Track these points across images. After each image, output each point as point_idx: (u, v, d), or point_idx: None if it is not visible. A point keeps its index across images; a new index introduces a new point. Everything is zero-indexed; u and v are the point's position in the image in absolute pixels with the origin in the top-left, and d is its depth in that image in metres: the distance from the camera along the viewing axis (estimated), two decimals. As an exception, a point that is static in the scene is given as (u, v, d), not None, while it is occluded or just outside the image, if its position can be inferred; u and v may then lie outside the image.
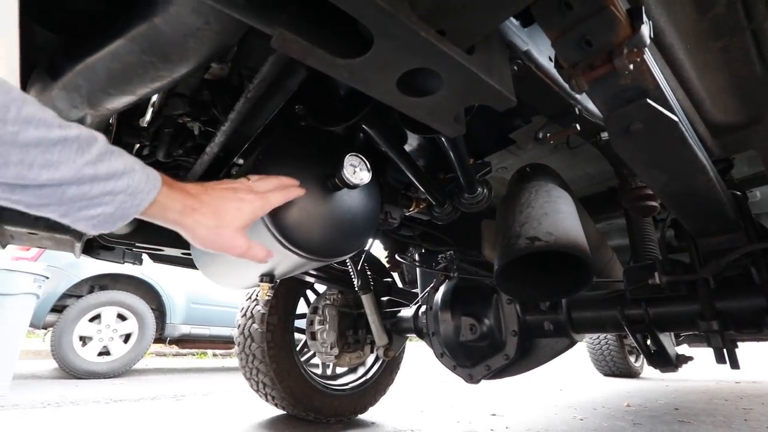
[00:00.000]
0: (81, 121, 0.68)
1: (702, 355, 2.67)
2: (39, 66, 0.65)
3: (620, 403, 2.83)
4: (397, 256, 2.09)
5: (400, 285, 2.52)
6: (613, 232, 2.29)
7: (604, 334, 4.36)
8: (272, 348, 1.99)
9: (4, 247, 1.38)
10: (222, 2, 0.44)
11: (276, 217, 0.78)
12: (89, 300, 3.72)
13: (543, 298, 1.13)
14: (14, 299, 2.67)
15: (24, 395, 2.61)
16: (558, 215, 1.01)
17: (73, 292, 3.83)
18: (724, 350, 0.99)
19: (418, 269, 2.19)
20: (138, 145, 1.22)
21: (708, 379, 4.38)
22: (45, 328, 3.81)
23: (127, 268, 3.99)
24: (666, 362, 1.09)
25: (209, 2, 0.44)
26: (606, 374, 4.52)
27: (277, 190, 0.74)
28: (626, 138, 0.74)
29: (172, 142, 1.07)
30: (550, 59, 0.90)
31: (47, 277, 2.92)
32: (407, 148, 1.31)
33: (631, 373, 4.40)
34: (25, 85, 0.65)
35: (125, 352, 3.82)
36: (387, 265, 2.30)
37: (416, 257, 2.16)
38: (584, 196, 1.91)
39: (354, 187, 0.81)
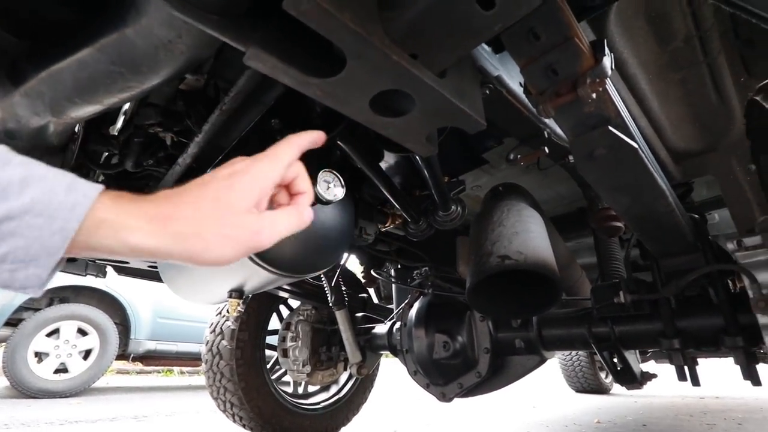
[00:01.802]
0: (44, 128, 0.66)
1: (668, 371, 2.75)
2: None
3: (591, 420, 2.87)
4: (372, 272, 2.09)
5: (375, 300, 2.50)
6: (583, 250, 2.36)
7: (576, 352, 4.45)
8: (241, 366, 1.92)
9: None
10: (194, 17, 0.44)
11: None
12: (47, 313, 3.51)
13: (514, 315, 1.15)
14: (-37, 312, 2.50)
15: (-32, 417, 2.42)
16: (528, 234, 1.04)
17: (30, 305, 3.61)
18: (686, 367, 1.02)
19: (393, 285, 2.19)
20: (106, 154, 1.18)
21: (674, 395, 4.50)
22: (-2, 343, 3.57)
23: (90, 280, 3.81)
24: (631, 379, 1.12)
25: (181, 17, 0.44)
26: (578, 390, 4.59)
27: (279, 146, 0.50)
28: (590, 162, 0.77)
29: (142, 151, 1.04)
30: (521, 84, 0.93)
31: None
32: (383, 165, 1.32)
33: (602, 389, 4.48)
34: (-17, 90, 0.62)
35: (84, 370, 3.61)
36: (363, 281, 2.29)
37: (392, 273, 2.16)
38: (555, 215, 1.97)
39: (327, 203, 0.81)
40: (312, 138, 0.52)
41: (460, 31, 0.52)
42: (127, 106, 1.11)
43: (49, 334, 3.51)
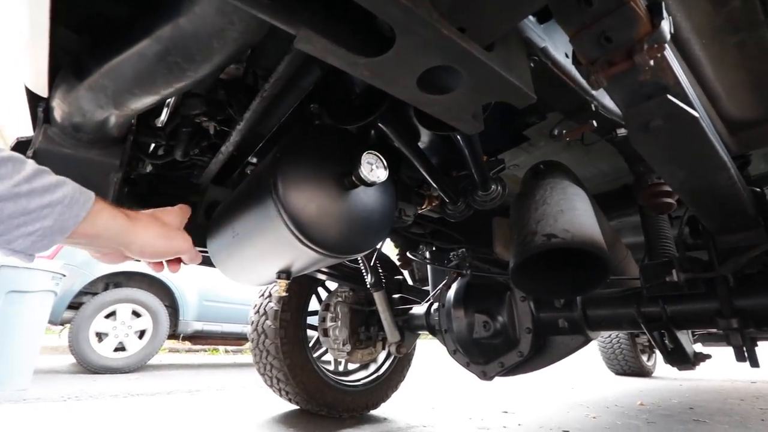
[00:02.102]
0: (106, 121, 0.70)
1: (716, 355, 2.63)
2: (64, 67, 0.67)
3: (633, 401, 2.81)
4: (408, 254, 2.10)
5: (410, 282, 2.53)
6: (626, 229, 2.27)
7: (616, 333, 4.32)
8: (285, 344, 2.01)
9: None
10: (247, 2, 0.45)
11: (293, 214, 0.79)
12: (104, 297, 3.79)
13: (558, 295, 1.13)
14: (34, 296, 2.73)
15: (45, 389, 2.67)
16: (574, 212, 1.01)
17: (89, 290, 3.90)
18: (744, 348, 0.97)
19: (429, 267, 2.20)
20: (153, 145, 1.24)
21: (722, 378, 4.31)
22: (62, 325, 3.89)
23: (140, 266, 4.05)
24: (684, 360, 1.08)
25: (234, 2, 0.44)
26: (618, 373, 4.48)
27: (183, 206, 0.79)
28: (646, 134, 0.73)
29: (189, 141, 1.08)
30: (567, 55, 0.89)
31: (64, 275, 2.98)
32: (420, 144, 1.31)
33: (644, 372, 4.35)
34: (50, 87, 0.67)
35: (140, 348, 3.89)
36: (398, 263, 2.31)
37: (427, 255, 2.17)
38: (597, 193, 1.90)
39: (371, 184, 0.82)
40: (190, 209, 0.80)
41: (509, 1, 0.50)
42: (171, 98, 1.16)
43: (107, 316, 3.79)
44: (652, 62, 0.63)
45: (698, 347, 3.47)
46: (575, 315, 1.31)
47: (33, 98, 0.72)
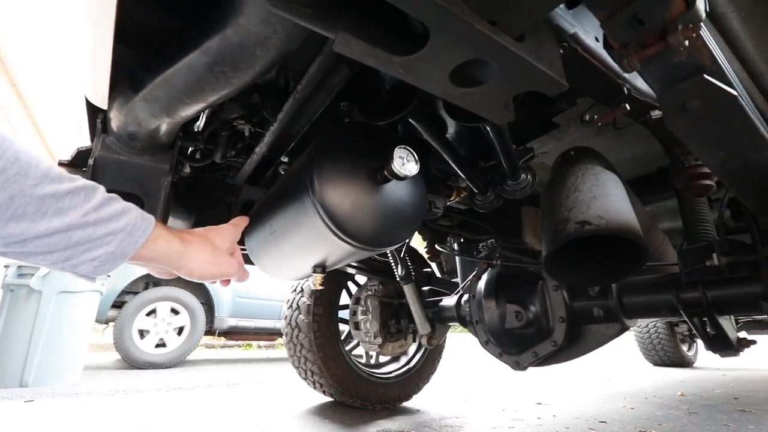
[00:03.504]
0: (158, 129, 0.75)
1: (762, 344, 2.52)
2: (120, 80, 0.72)
3: (673, 392, 2.73)
4: (436, 246, 2.11)
5: (438, 275, 2.54)
6: (663, 214, 2.20)
7: (654, 323, 4.19)
8: (318, 338, 2.07)
9: None
10: (291, 12, 0.48)
11: (329, 210, 0.82)
12: (145, 296, 3.99)
13: (593, 282, 1.12)
14: (81, 296, 2.91)
15: (94, 384, 2.85)
16: (607, 198, 1.00)
17: (131, 289, 4.12)
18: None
19: (457, 258, 2.20)
20: (191, 149, 1.30)
21: (769, 368, 4.12)
22: (107, 323, 4.12)
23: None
24: (726, 346, 1.06)
25: (279, 13, 0.48)
26: (656, 364, 4.35)
27: (236, 220, 0.83)
28: (682, 116, 0.72)
29: (226, 144, 1.13)
30: (597, 39, 0.88)
31: (109, 276, 3.15)
32: (453, 140, 1.32)
33: (684, 363, 4.21)
34: (109, 99, 0.72)
35: (179, 344, 4.08)
36: (426, 256, 2.32)
37: (455, 247, 2.18)
38: (631, 178, 1.85)
39: (403, 178, 0.84)
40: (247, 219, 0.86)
41: (541, -8, 0.51)
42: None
43: (148, 314, 3.99)
44: (687, 42, 0.62)
45: (742, 335, 3.33)
46: (610, 303, 1.30)
47: (93, 110, 0.79)
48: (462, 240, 2.15)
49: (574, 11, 0.82)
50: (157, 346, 4.03)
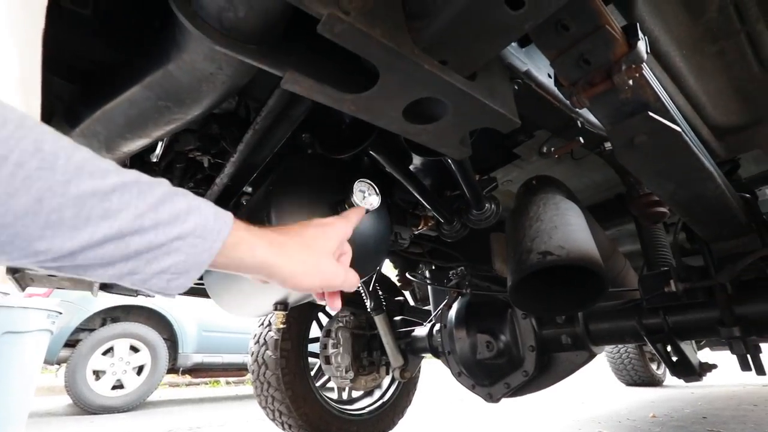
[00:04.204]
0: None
1: (725, 359, 2.60)
2: (56, 115, 0.68)
3: (645, 414, 2.75)
4: (407, 275, 2.09)
5: (412, 303, 2.51)
6: (624, 237, 2.27)
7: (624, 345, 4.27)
8: (287, 374, 1.97)
9: (23, 289, 1.40)
10: (235, 49, 0.46)
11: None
12: (102, 333, 3.72)
13: (558, 312, 1.13)
14: (29, 337, 2.68)
15: (40, 434, 2.59)
16: (568, 228, 1.01)
17: (86, 326, 3.84)
18: (748, 356, 0.96)
19: (429, 287, 2.18)
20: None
21: (734, 383, 4.25)
22: (59, 364, 3.81)
23: (138, 299, 4.00)
24: (689, 371, 1.07)
25: (222, 50, 0.46)
26: (628, 384, 4.40)
27: (349, 212, 0.67)
28: (631, 150, 0.75)
29: (183, 175, 1.09)
30: (549, 76, 0.92)
31: (60, 313, 2.93)
32: (412, 167, 1.32)
33: (654, 382, 4.28)
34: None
35: (139, 385, 3.80)
36: (398, 284, 2.29)
37: (427, 275, 2.16)
38: (592, 204, 1.91)
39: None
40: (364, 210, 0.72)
41: (489, 34, 0.52)
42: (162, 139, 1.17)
43: (104, 353, 3.72)
44: (631, 82, 0.65)
45: (706, 353, 3.44)
46: (578, 330, 1.30)
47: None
48: (433, 267, 2.14)
49: (527, 49, 0.85)
50: (114, 387, 3.74)
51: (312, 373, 2.16)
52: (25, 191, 0.31)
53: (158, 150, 1.15)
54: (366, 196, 0.81)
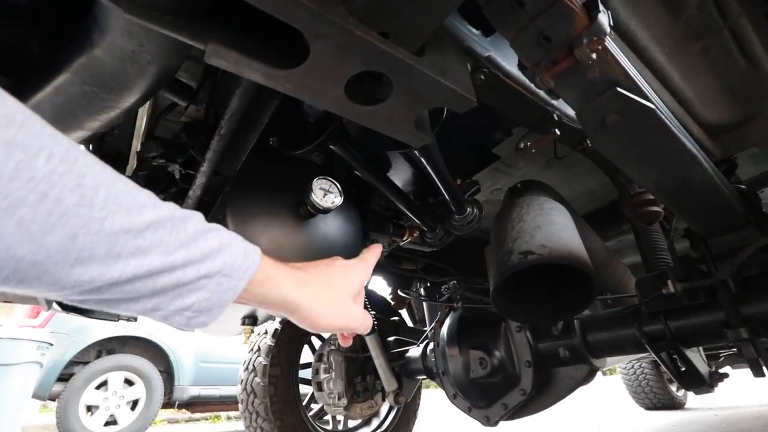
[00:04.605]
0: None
1: (749, 377, 2.44)
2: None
3: (665, 439, 2.56)
4: (399, 292, 2.01)
5: (410, 324, 2.41)
6: (627, 249, 2.19)
7: (639, 363, 4.07)
8: (275, 403, 1.87)
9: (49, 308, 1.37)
10: (147, 18, 0.43)
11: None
12: (96, 366, 3.63)
13: (546, 318, 1.04)
14: (17, 369, 2.61)
15: (24, 474, 2.47)
16: (552, 227, 0.95)
17: (80, 359, 3.75)
18: (760, 360, 0.87)
19: (425, 304, 2.10)
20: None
21: (760, 403, 3.99)
22: (51, 400, 3.70)
23: (134, 329, 3.93)
24: (699, 381, 0.97)
25: (134, 20, 0.43)
26: (647, 407, 4.16)
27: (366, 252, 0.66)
28: (604, 132, 0.70)
29: (149, 185, 1.05)
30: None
31: (51, 344, 2.87)
32: (398, 180, 1.28)
33: (675, 404, 4.04)
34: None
35: (133, 420, 3.67)
36: (391, 302, 2.21)
37: (422, 292, 2.08)
38: (589, 212, 1.85)
39: (326, 211, 0.78)
40: (381, 248, 0.68)
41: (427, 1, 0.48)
42: (137, 144, 1.15)
43: (98, 387, 3.61)
44: (594, 55, 0.61)
45: (727, 370, 3.24)
46: (575, 341, 1.21)
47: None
48: (428, 284, 2.07)
49: (493, 39, 0.82)
50: (107, 423, 3.60)
51: (305, 401, 2.05)
52: (60, 228, 0.30)
53: (131, 162, 1.12)
54: (327, 194, 0.77)
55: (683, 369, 1.03)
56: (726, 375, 1.02)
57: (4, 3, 0.55)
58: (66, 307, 1.49)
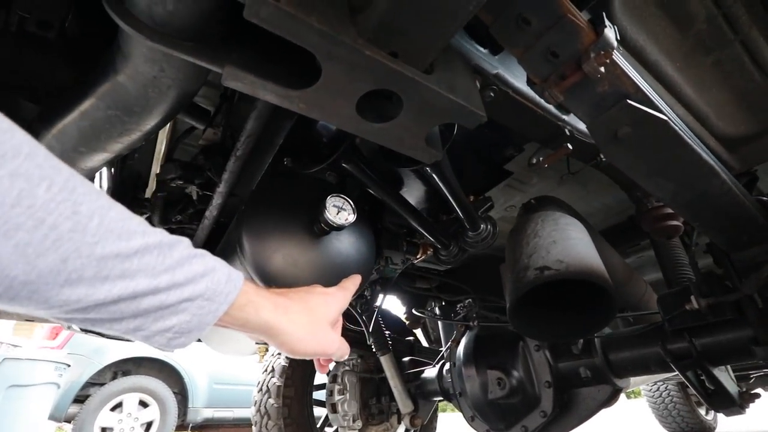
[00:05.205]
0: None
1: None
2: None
3: (697, 467, 2.42)
4: (414, 311, 1.99)
5: (425, 344, 2.37)
6: (647, 265, 2.13)
7: (665, 385, 3.89)
8: (290, 425, 1.84)
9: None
10: (167, 44, 0.46)
11: (258, 265, 0.75)
12: (111, 387, 3.64)
13: (566, 336, 1.02)
14: (34, 390, 2.64)
15: (39, 498, 2.46)
16: (568, 242, 0.94)
17: (96, 380, 3.77)
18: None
19: (440, 324, 2.06)
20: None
21: (800, 431, 3.74)
22: (68, 421, 3.71)
23: (149, 350, 3.94)
24: (728, 402, 0.92)
25: (155, 46, 0.45)
26: (675, 433, 3.95)
27: (346, 281, 0.69)
28: (616, 145, 0.69)
29: (166, 206, 1.08)
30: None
31: (68, 365, 2.90)
32: (411, 199, 1.29)
33: (704, 429, 3.83)
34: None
35: (147, 443, 3.65)
36: (406, 322, 2.18)
37: (437, 311, 2.05)
38: (606, 228, 1.81)
39: (339, 228, 0.78)
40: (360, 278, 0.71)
41: (433, 17, 0.50)
42: (157, 168, 1.19)
43: (113, 408, 3.61)
44: (603, 69, 0.61)
45: (759, 391, 3.06)
46: (596, 361, 1.17)
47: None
48: (443, 303, 2.04)
49: (501, 57, 0.83)
50: (122, 446, 3.59)
51: (319, 423, 2.01)
52: (53, 251, 0.32)
53: (153, 185, 1.16)
54: (341, 211, 0.78)
55: (711, 389, 0.98)
56: (758, 395, 0.97)
57: (35, 37, 0.59)
58: (84, 328, 1.51)
